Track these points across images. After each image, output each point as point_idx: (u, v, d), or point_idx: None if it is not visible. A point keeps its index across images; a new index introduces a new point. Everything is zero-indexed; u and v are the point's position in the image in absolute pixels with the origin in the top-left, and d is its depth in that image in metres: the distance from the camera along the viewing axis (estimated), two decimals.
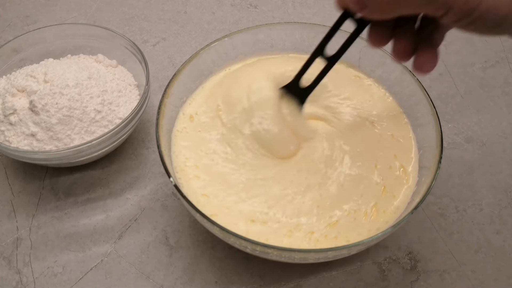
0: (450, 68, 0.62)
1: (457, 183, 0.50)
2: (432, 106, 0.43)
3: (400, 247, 0.46)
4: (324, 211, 0.40)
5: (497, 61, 0.63)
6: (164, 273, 0.44)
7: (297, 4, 0.71)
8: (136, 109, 0.47)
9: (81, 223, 0.48)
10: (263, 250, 0.36)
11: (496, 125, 0.56)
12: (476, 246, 0.46)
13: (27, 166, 0.52)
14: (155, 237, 0.47)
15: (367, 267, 0.44)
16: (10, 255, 0.45)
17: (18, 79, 0.48)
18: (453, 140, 0.54)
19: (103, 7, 0.70)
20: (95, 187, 0.50)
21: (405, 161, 0.44)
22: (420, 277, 0.44)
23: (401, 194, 0.41)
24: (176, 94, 0.46)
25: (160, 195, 0.50)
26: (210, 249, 0.46)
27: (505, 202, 0.49)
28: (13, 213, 0.48)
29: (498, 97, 0.58)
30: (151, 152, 0.53)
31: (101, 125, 0.48)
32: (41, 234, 0.47)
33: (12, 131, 0.46)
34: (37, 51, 0.55)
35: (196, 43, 0.65)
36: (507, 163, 0.52)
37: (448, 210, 0.48)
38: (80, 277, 0.44)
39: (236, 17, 0.69)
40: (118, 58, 0.55)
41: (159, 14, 0.69)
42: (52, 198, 0.49)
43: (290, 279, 0.44)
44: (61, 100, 0.46)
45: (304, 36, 0.51)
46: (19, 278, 0.44)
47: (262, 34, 0.51)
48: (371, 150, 0.44)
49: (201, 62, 0.48)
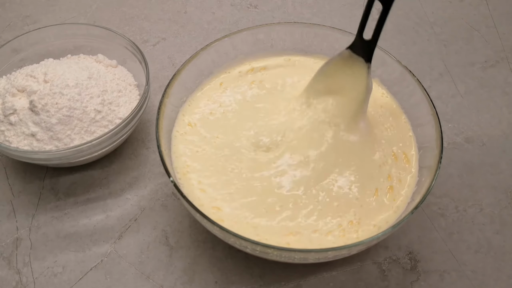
0: (450, 68, 0.62)
1: (457, 183, 0.50)
2: (432, 106, 0.43)
3: (400, 247, 0.46)
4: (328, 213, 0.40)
5: (497, 61, 0.63)
6: (164, 273, 0.44)
7: (297, 4, 0.71)
8: (136, 109, 0.47)
9: (81, 223, 0.48)
10: (263, 250, 0.36)
11: (496, 125, 0.56)
12: (476, 246, 0.46)
13: (27, 166, 0.52)
14: (155, 237, 0.46)
15: (367, 267, 0.44)
16: (10, 255, 0.45)
17: (18, 79, 0.48)
18: (453, 140, 0.54)
19: (103, 7, 0.70)
20: (95, 187, 0.50)
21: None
22: (420, 277, 0.44)
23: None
24: (176, 94, 0.46)
25: (160, 195, 0.50)
26: (210, 249, 0.46)
27: (505, 202, 0.49)
28: (13, 213, 0.48)
29: (498, 97, 0.58)
30: (151, 152, 0.53)
31: (101, 125, 0.48)
32: (41, 234, 0.47)
33: (12, 131, 0.46)
34: (37, 51, 0.55)
35: (196, 43, 0.65)
36: (507, 163, 0.52)
37: (448, 210, 0.48)
38: (80, 277, 0.44)
39: (236, 17, 0.69)
40: (118, 58, 0.55)
41: (159, 14, 0.69)
42: (52, 198, 0.49)
43: (290, 279, 0.44)
44: (61, 100, 0.46)
45: (304, 36, 0.51)
46: (19, 278, 0.44)
47: (262, 34, 0.51)
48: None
49: (201, 62, 0.48)
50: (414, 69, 0.47)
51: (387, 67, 0.48)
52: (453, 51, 0.64)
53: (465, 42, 0.65)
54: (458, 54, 0.63)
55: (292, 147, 0.43)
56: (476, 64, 0.62)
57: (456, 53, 0.63)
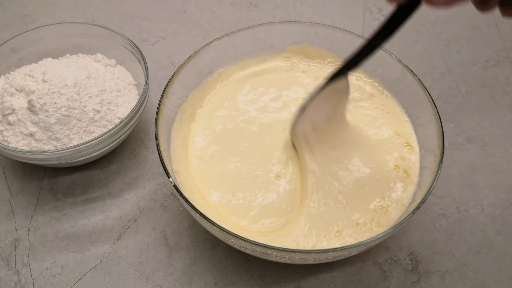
0: (451, 67, 0.61)
1: (459, 183, 0.50)
2: (433, 106, 0.42)
3: (401, 248, 0.45)
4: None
5: (499, 60, 0.62)
6: (163, 274, 0.44)
7: (297, 3, 0.71)
8: (135, 108, 0.47)
9: (80, 224, 0.47)
10: (263, 251, 0.35)
11: (498, 125, 0.55)
12: (478, 247, 0.46)
13: (25, 166, 0.52)
14: (154, 238, 0.46)
15: (368, 268, 0.44)
16: (9, 255, 0.45)
17: (17, 79, 0.48)
18: (454, 140, 0.54)
19: (102, 6, 0.70)
20: (94, 187, 0.50)
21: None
22: (421, 278, 0.44)
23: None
24: (175, 93, 0.45)
25: (159, 195, 0.49)
26: (210, 249, 0.45)
27: (507, 203, 0.49)
28: (11, 213, 0.48)
29: (500, 96, 0.58)
30: (150, 152, 0.53)
31: (100, 125, 0.48)
32: (39, 234, 0.47)
33: (11, 131, 0.46)
34: (35, 50, 0.54)
35: (195, 42, 0.65)
36: (508, 163, 0.52)
37: (449, 211, 0.48)
38: (79, 278, 0.44)
39: (236, 16, 0.69)
40: (117, 57, 0.55)
41: (159, 13, 0.69)
42: (50, 199, 0.49)
43: (290, 280, 0.43)
44: (60, 100, 0.46)
45: (304, 35, 0.51)
46: (17, 279, 0.44)
47: (262, 33, 0.50)
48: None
49: (201, 62, 0.48)
50: (415, 69, 0.47)
51: (388, 67, 0.48)
52: (454, 51, 0.63)
53: (467, 41, 0.65)
54: (460, 54, 0.63)
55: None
56: (478, 63, 0.62)
57: (457, 52, 0.63)
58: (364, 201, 0.41)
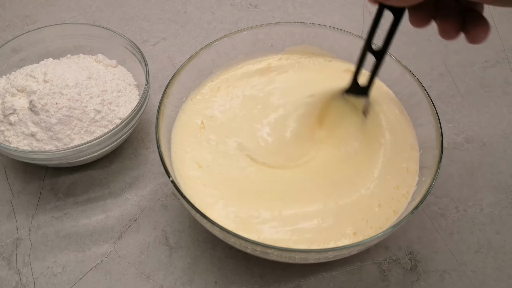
0: (450, 68, 0.62)
1: (458, 183, 0.50)
2: (432, 106, 0.43)
3: (400, 247, 0.46)
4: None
5: (498, 61, 0.62)
6: (164, 273, 0.44)
7: (297, 3, 0.71)
8: (136, 109, 0.47)
9: (81, 223, 0.48)
10: (264, 250, 0.36)
11: (497, 125, 0.55)
12: (477, 246, 0.46)
13: (26, 166, 0.52)
14: (155, 237, 0.46)
15: (367, 267, 0.44)
16: (10, 255, 0.45)
17: (18, 79, 0.48)
18: (453, 140, 0.54)
19: (102, 7, 0.70)
20: (94, 187, 0.50)
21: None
22: (420, 277, 0.44)
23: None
24: (176, 94, 0.45)
25: (160, 195, 0.50)
26: (210, 249, 0.46)
27: (506, 202, 0.49)
28: (12, 213, 0.48)
29: (499, 97, 0.58)
30: (151, 152, 0.53)
31: (100, 125, 0.48)
32: (40, 234, 0.47)
33: (12, 131, 0.46)
34: (36, 51, 0.55)
35: (196, 43, 0.65)
36: (507, 163, 0.52)
37: (448, 210, 0.48)
38: (80, 277, 0.44)
39: (236, 17, 0.69)
40: (118, 58, 0.55)
41: (159, 14, 0.69)
42: (51, 198, 0.49)
43: (290, 279, 0.44)
44: (61, 100, 0.46)
45: (304, 36, 0.51)
46: (18, 278, 0.44)
47: (262, 34, 0.51)
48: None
49: (201, 62, 0.48)
50: (414, 69, 0.47)
51: (387, 67, 0.47)
52: (453, 51, 0.64)
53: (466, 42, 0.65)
54: (459, 54, 0.63)
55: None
56: (477, 64, 0.62)
57: (456, 53, 0.63)
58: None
